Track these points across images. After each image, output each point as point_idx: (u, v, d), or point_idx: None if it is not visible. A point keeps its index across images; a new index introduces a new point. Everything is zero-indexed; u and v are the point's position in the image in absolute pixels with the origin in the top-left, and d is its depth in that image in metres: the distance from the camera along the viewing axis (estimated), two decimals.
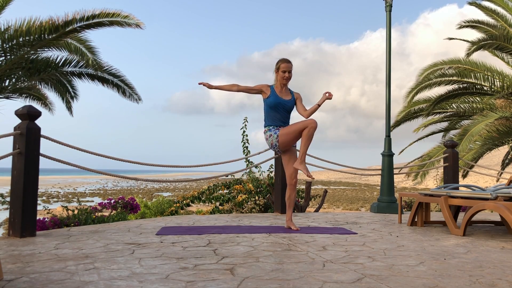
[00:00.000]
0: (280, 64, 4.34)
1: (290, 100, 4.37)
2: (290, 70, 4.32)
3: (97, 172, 4.81)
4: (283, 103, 4.32)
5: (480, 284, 2.39)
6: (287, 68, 4.31)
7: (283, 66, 4.32)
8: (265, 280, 2.40)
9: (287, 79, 4.32)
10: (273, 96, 4.32)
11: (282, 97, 4.33)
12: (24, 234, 3.70)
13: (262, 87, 4.37)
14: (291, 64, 4.34)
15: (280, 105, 4.31)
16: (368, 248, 3.45)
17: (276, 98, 4.31)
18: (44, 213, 5.56)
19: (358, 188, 68.72)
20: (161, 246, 3.38)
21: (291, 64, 4.34)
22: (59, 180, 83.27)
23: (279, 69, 4.33)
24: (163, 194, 33.49)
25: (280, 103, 4.31)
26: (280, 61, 4.36)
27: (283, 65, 4.32)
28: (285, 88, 4.39)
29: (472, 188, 4.94)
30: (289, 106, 4.36)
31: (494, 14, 10.90)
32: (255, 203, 8.00)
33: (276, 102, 4.30)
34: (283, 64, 4.33)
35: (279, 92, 4.35)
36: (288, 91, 4.41)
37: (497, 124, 10.24)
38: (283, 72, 4.31)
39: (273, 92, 4.34)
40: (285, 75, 4.30)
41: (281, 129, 4.29)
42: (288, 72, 4.31)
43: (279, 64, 4.35)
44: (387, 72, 7.06)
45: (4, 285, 2.23)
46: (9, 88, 9.05)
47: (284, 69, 4.31)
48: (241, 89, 4.36)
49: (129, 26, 8.21)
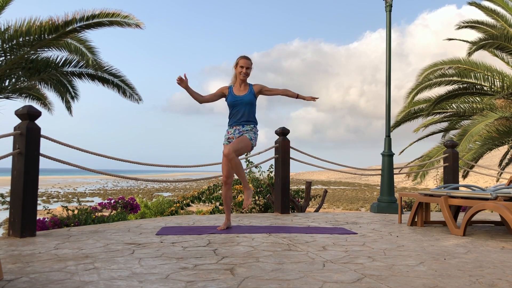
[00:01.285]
0: (239, 60, 4.39)
1: (246, 94, 4.36)
2: (248, 66, 4.36)
3: (97, 172, 4.82)
4: (239, 99, 4.33)
5: (480, 284, 2.39)
6: (245, 64, 4.35)
7: (241, 62, 4.36)
8: (265, 280, 2.40)
9: (244, 74, 4.34)
10: (230, 96, 4.37)
11: (239, 94, 4.36)
12: (24, 234, 3.70)
13: (222, 90, 4.43)
14: (250, 61, 4.39)
15: (237, 102, 4.33)
16: (368, 248, 3.45)
17: (232, 97, 4.35)
18: (44, 213, 5.56)
19: (358, 188, 68.72)
20: (161, 246, 3.37)
21: (250, 61, 4.39)
22: (59, 180, 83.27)
23: (238, 65, 4.38)
24: (163, 194, 33.49)
25: (236, 101, 4.33)
26: (239, 57, 4.41)
27: (242, 61, 4.36)
28: (243, 85, 4.41)
29: (472, 188, 4.94)
30: (247, 100, 4.35)
31: (494, 14, 10.90)
32: (255, 203, 8.00)
33: (233, 100, 4.34)
34: (241, 60, 4.37)
35: (237, 90, 4.39)
36: (247, 87, 4.41)
37: (497, 124, 10.24)
38: (241, 67, 4.35)
39: (231, 91, 4.39)
40: (243, 71, 4.33)
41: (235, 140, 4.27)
42: (246, 68, 4.34)
43: (238, 60, 4.40)
44: (387, 72, 7.05)
45: (4, 285, 2.23)
46: (9, 88, 9.06)
47: (242, 64, 4.35)
48: (205, 100, 4.39)
49: (129, 26, 8.22)
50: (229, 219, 4.46)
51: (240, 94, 4.35)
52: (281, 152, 6.00)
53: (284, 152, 6.01)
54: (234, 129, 4.34)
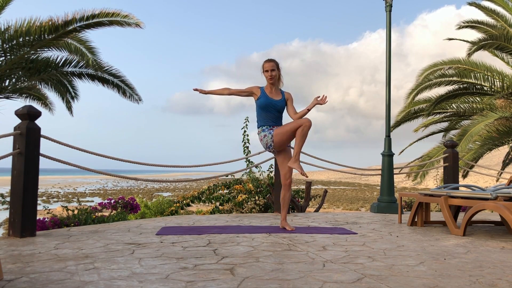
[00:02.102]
0: (263, 64, 4.41)
1: (280, 100, 4.37)
2: (272, 68, 4.34)
3: (97, 172, 4.81)
4: (273, 103, 4.33)
5: (480, 284, 2.39)
6: (268, 67, 4.35)
7: (265, 66, 4.38)
8: (265, 280, 2.40)
9: (271, 77, 4.34)
10: (263, 97, 4.35)
11: (273, 98, 4.36)
12: (24, 234, 3.70)
13: (252, 89, 4.41)
14: (273, 63, 4.37)
15: (271, 105, 4.33)
16: (368, 248, 3.45)
17: (266, 98, 4.33)
18: (44, 213, 5.56)
19: (358, 188, 68.71)
20: (161, 246, 3.37)
21: (273, 63, 4.37)
22: (59, 180, 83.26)
23: (263, 69, 4.39)
24: (163, 194, 33.49)
25: (270, 103, 4.33)
26: (264, 62, 4.42)
27: (265, 65, 4.38)
28: (275, 88, 4.41)
29: (472, 188, 4.94)
30: (280, 106, 4.36)
31: (494, 14, 10.90)
32: (255, 203, 8.00)
33: (267, 102, 4.32)
34: (265, 64, 4.39)
35: (269, 92, 4.38)
36: (278, 91, 4.43)
37: (497, 124, 10.24)
38: (266, 71, 4.36)
39: (263, 93, 4.37)
40: (268, 74, 4.34)
41: (275, 129, 4.30)
42: (270, 70, 4.33)
43: (263, 64, 4.42)
44: (387, 71, 7.05)
45: (4, 285, 2.23)
46: (9, 88, 9.06)
47: (266, 68, 4.36)
48: (232, 93, 4.39)
49: (128, 26, 8.22)
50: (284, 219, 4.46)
51: (274, 98, 4.36)
52: None
53: None
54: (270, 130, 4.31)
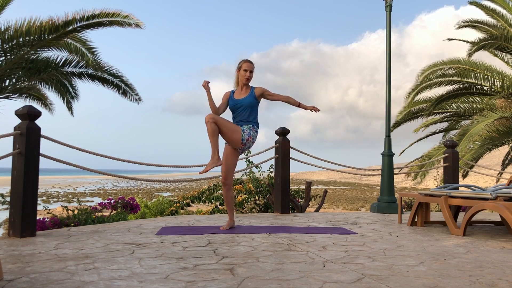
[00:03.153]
0: (242, 63, 4.40)
1: (246, 97, 4.35)
2: (251, 70, 4.36)
3: (97, 172, 4.81)
4: (239, 103, 4.33)
5: (480, 284, 2.39)
6: (248, 67, 4.36)
7: (245, 66, 4.37)
8: (265, 280, 2.40)
9: (248, 78, 4.35)
10: (230, 100, 4.39)
11: (239, 97, 4.36)
12: (24, 234, 3.70)
13: (226, 96, 4.45)
14: (253, 65, 4.40)
15: (237, 106, 4.33)
16: (368, 248, 3.45)
17: (232, 101, 4.37)
18: (44, 213, 5.56)
19: (358, 188, 68.71)
20: (161, 246, 3.37)
21: (253, 65, 4.40)
22: (59, 180, 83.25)
23: (241, 68, 4.38)
24: (163, 194, 33.48)
25: (236, 104, 4.34)
26: (243, 61, 4.42)
27: (245, 65, 4.37)
28: (245, 88, 4.40)
29: (472, 188, 4.94)
30: (246, 103, 4.33)
31: (494, 13, 10.90)
32: (255, 203, 8.00)
33: (233, 104, 4.35)
34: (245, 63, 4.38)
35: (238, 93, 4.39)
36: (248, 89, 4.41)
37: (497, 124, 10.24)
38: (245, 71, 4.35)
39: (231, 96, 4.40)
40: (246, 74, 4.34)
41: None
42: (249, 71, 4.35)
43: (241, 63, 4.40)
44: (387, 71, 7.05)
45: (4, 285, 2.23)
46: (9, 88, 9.06)
47: (246, 68, 4.36)
48: (221, 111, 4.41)
49: (129, 26, 8.23)
50: (233, 219, 4.45)
51: (240, 97, 4.35)
52: (281, 152, 6.00)
53: (284, 152, 6.01)
54: None
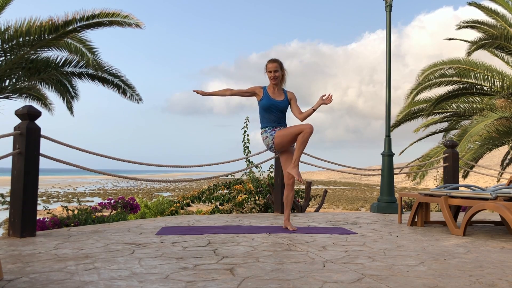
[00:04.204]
0: (266, 64, 4.39)
1: (283, 101, 4.36)
2: (275, 69, 4.33)
3: (97, 172, 4.81)
4: (276, 104, 4.32)
5: (480, 284, 2.39)
6: (271, 68, 4.34)
7: (268, 67, 4.36)
8: (265, 280, 2.40)
9: (274, 78, 4.33)
10: (265, 98, 4.34)
11: (275, 98, 4.34)
12: (24, 234, 3.70)
13: (255, 89, 4.40)
14: (276, 63, 4.35)
15: (273, 106, 4.32)
16: (368, 248, 3.45)
17: (268, 99, 4.32)
18: (44, 213, 5.56)
19: (358, 188, 68.70)
20: (161, 246, 3.37)
21: (276, 63, 4.35)
22: (59, 180, 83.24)
23: (266, 70, 4.38)
24: (163, 194, 33.47)
25: (273, 104, 4.32)
26: (267, 62, 4.41)
27: (268, 66, 4.37)
28: (277, 89, 4.40)
29: (472, 188, 4.94)
30: (282, 106, 4.36)
31: (494, 14, 10.90)
32: (255, 203, 8.00)
33: (269, 103, 4.31)
34: (268, 64, 4.38)
35: (272, 93, 4.36)
36: (281, 91, 4.41)
37: (497, 124, 10.24)
38: (269, 72, 4.35)
39: (266, 93, 4.36)
40: (271, 75, 4.33)
41: (277, 131, 4.29)
42: (273, 71, 4.32)
43: (266, 65, 4.40)
44: (387, 71, 7.05)
45: (4, 285, 2.23)
46: (9, 88, 9.06)
47: (269, 69, 4.35)
48: (234, 93, 4.38)
49: (128, 26, 8.22)
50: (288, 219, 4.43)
51: (277, 99, 4.34)
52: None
53: None
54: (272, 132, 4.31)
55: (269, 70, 4.34)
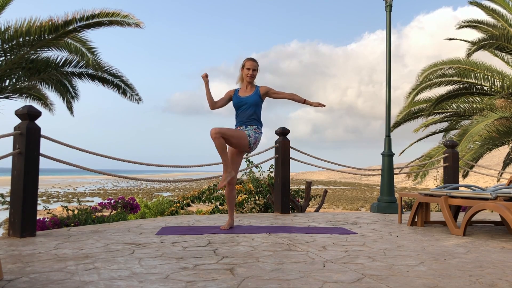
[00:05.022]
0: (245, 62, 4.41)
1: (252, 95, 4.36)
2: (255, 68, 4.36)
3: (97, 172, 4.82)
4: (243, 100, 4.34)
5: (480, 284, 2.39)
6: (251, 66, 4.36)
7: (248, 64, 4.38)
8: (265, 280, 2.40)
9: (251, 76, 4.35)
10: (234, 97, 4.39)
11: (244, 95, 4.36)
12: (24, 234, 3.70)
13: (229, 93, 4.46)
14: (257, 63, 4.40)
15: (241, 103, 4.34)
16: (368, 248, 3.45)
17: (237, 98, 4.37)
18: (44, 213, 5.56)
19: (358, 188, 68.69)
20: (161, 246, 3.37)
21: (257, 63, 4.40)
22: (59, 180, 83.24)
23: (244, 67, 4.39)
24: (163, 194, 33.48)
25: (240, 101, 4.34)
26: (246, 59, 4.43)
27: (248, 63, 4.38)
28: (250, 86, 4.41)
29: (472, 188, 4.93)
30: (252, 100, 4.33)
31: (495, 13, 10.90)
32: (255, 203, 8.00)
33: (237, 101, 4.36)
34: (248, 62, 4.39)
35: (243, 91, 4.40)
36: (253, 88, 4.42)
37: (497, 124, 10.24)
38: (248, 69, 4.36)
39: (236, 94, 4.41)
40: (249, 73, 4.34)
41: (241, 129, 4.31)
42: (252, 70, 4.35)
43: (244, 62, 4.41)
44: (387, 71, 7.05)
45: (4, 285, 2.23)
46: (9, 88, 9.06)
47: (249, 66, 4.36)
48: (217, 106, 4.43)
49: (128, 26, 8.22)
50: (233, 219, 4.46)
51: (245, 95, 4.36)
52: (281, 152, 6.00)
53: (284, 152, 6.01)
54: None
55: (248, 67, 4.35)
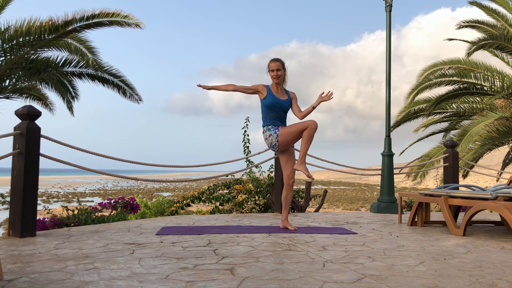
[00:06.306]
0: (269, 63, 4.41)
1: (286, 100, 4.38)
2: (278, 68, 4.33)
3: (97, 172, 4.81)
4: (280, 103, 4.34)
5: (480, 284, 2.39)
6: (273, 66, 4.35)
7: (271, 66, 4.38)
8: (265, 280, 2.40)
9: (276, 77, 4.34)
10: (269, 96, 4.34)
11: (279, 97, 4.35)
12: (24, 234, 3.70)
13: (258, 87, 4.40)
14: (279, 63, 4.36)
15: (277, 105, 4.33)
16: (368, 248, 3.45)
17: (273, 98, 4.33)
18: (44, 213, 5.55)
19: (358, 188, 68.69)
20: (161, 246, 3.37)
21: (279, 63, 4.36)
22: (59, 180, 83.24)
23: (269, 69, 4.39)
24: (163, 194, 33.46)
25: (277, 103, 4.33)
26: (269, 61, 4.42)
27: (270, 64, 4.38)
28: (280, 88, 4.41)
29: (472, 188, 4.94)
30: (286, 106, 4.37)
31: (495, 13, 10.90)
32: (255, 203, 7.99)
33: (273, 102, 4.32)
34: (270, 63, 4.39)
35: (276, 92, 4.38)
36: (284, 91, 4.43)
37: (497, 124, 10.23)
38: (271, 71, 4.36)
39: (270, 92, 4.36)
40: (273, 74, 4.34)
41: (281, 128, 4.30)
42: (276, 70, 4.33)
43: (268, 64, 4.42)
44: (387, 71, 7.05)
45: (4, 285, 2.23)
46: (9, 88, 9.06)
47: (272, 68, 4.36)
48: (237, 89, 4.39)
49: (128, 26, 8.22)
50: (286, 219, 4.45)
51: (281, 98, 4.35)
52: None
53: None
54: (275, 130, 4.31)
55: (272, 69, 4.34)
